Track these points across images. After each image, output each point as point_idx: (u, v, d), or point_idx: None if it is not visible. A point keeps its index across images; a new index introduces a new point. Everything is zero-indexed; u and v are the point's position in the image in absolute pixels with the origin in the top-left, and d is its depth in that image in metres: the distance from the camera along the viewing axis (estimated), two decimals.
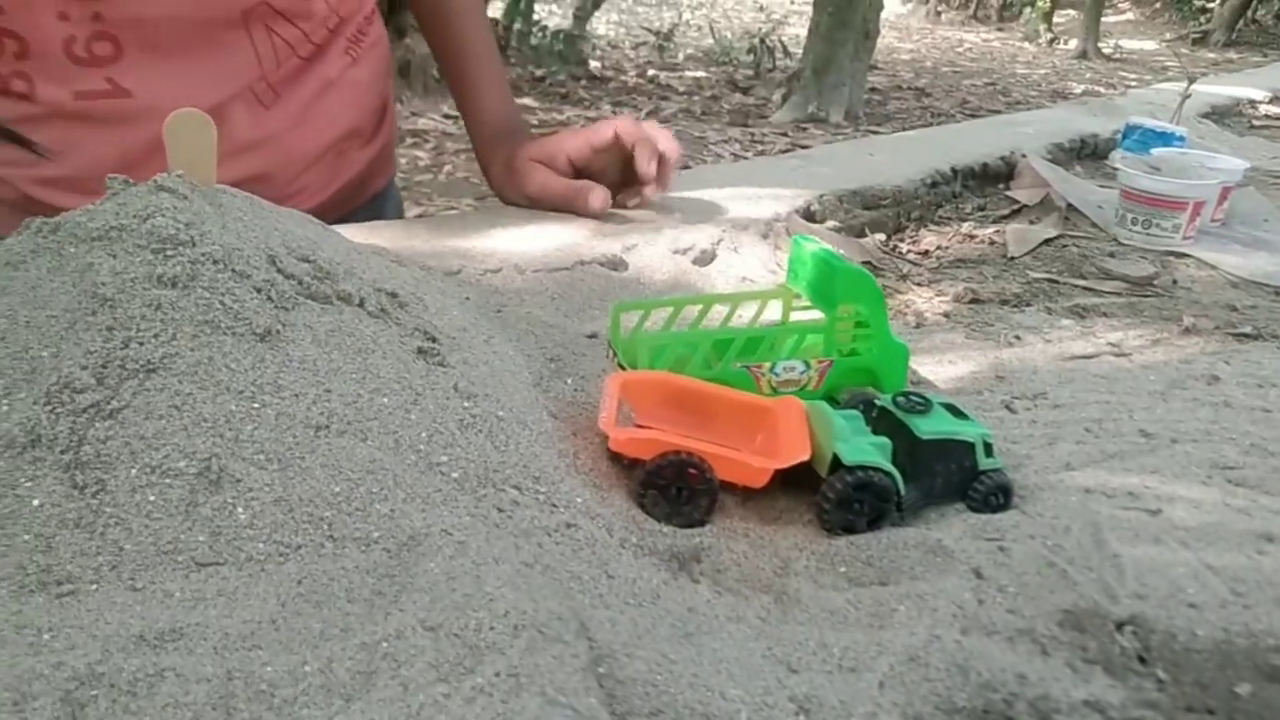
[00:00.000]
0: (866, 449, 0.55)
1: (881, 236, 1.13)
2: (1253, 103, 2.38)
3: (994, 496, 0.57)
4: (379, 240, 0.82)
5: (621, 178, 0.98)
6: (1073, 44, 10.63)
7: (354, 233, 0.79)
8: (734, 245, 0.94)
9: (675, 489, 0.54)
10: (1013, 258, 1.12)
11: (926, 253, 1.13)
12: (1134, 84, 7.80)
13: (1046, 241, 1.17)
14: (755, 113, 5.64)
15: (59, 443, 0.41)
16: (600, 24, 6.84)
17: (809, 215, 1.10)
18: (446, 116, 4.47)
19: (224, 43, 0.88)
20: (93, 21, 0.82)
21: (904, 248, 1.14)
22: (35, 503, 0.40)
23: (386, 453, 0.46)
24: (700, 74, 5.74)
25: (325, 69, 0.97)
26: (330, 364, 0.48)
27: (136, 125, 0.87)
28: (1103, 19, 10.94)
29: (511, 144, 1.04)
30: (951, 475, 0.57)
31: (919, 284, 1.02)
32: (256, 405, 0.44)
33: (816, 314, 0.67)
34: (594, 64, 6.27)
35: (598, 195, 0.94)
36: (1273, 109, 2.38)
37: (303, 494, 0.42)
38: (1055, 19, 12.07)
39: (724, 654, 0.44)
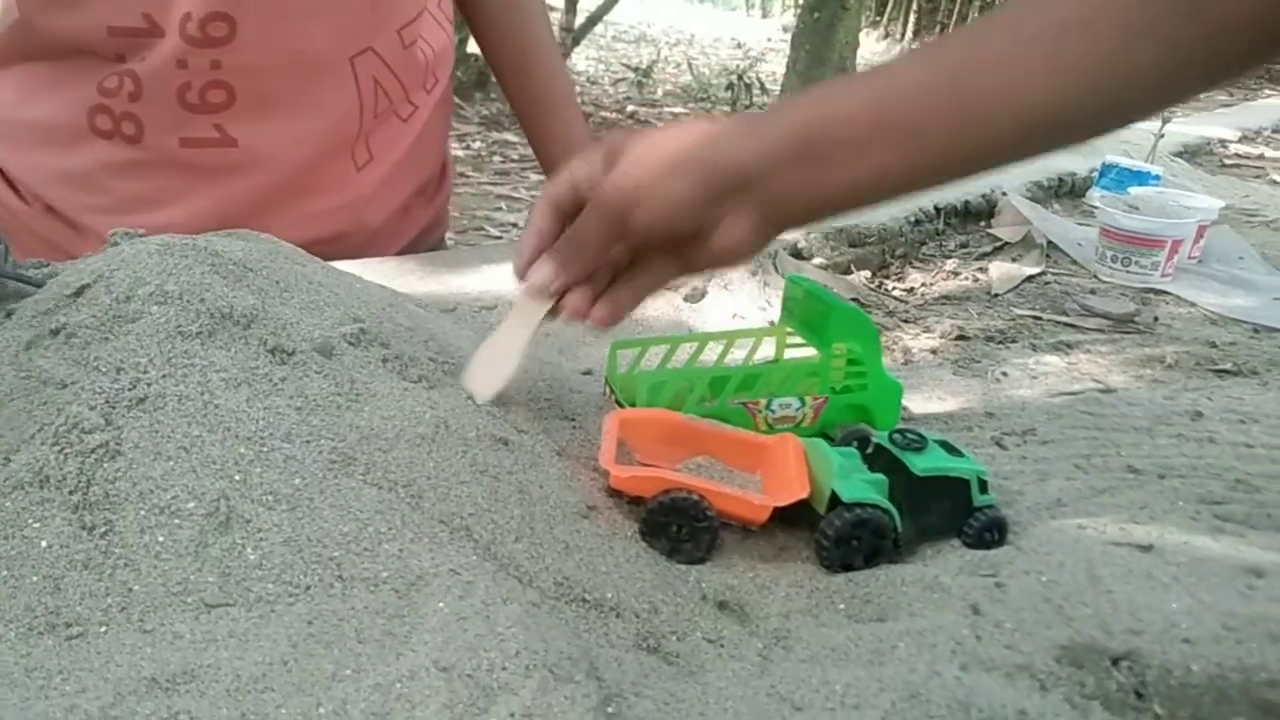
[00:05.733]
0: (864, 486, 0.56)
1: (867, 274, 1.14)
2: (1223, 142, 2.42)
3: (989, 533, 0.58)
4: (374, 277, 0.82)
5: None
6: None
7: (352, 268, 0.79)
8: (724, 283, 0.95)
9: (676, 526, 0.54)
10: (996, 295, 1.14)
11: (912, 290, 1.15)
12: None
13: (1029, 278, 1.19)
14: None
15: (67, 483, 0.41)
16: (580, 60, 6.90)
17: (797, 253, 1.12)
18: None
19: (329, 95, 0.88)
20: (211, 69, 0.81)
21: (890, 285, 1.16)
22: (43, 544, 0.40)
23: (393, 492, 0.46)
24: (679, 110, 5.78)
25: (414, 130, 0.97)
26: (338, 405, 0.48)
27: (237, 176, 0.86)
28: None
29: None
30: (947, 511, 0.58)
31: (906, 321, 1.03)
32: (266, 448, 0.44)
33: (811, 351, 0.68)
34: None
35: None
36: (1242, 148, 2.43)
37: (311, 534, 0.43)
38: None
39: (729, 692, 0.44)
